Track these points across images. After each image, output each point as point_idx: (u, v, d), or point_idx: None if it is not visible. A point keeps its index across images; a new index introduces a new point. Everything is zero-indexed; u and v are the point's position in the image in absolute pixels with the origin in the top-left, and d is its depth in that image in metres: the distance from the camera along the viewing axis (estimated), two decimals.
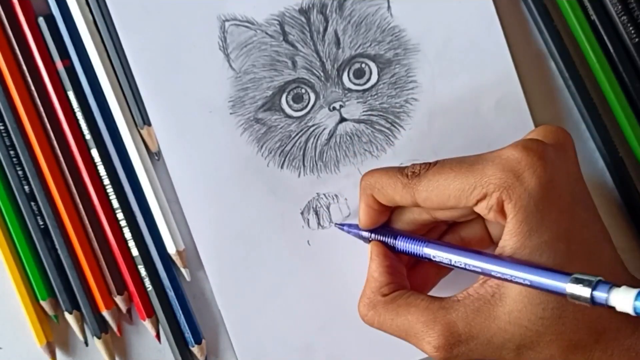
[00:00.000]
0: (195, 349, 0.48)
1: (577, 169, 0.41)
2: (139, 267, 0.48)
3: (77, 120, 0.48)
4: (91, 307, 0.48)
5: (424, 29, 0.49)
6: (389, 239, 0.44)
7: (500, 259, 0.38)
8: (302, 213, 0.49)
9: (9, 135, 0.47)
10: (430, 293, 0.44)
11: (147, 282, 0.48)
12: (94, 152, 0.48)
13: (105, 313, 0.48)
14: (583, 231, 0.39)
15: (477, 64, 0.49)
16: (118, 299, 0.48)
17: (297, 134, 0.49)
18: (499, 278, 0.38)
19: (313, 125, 0.49)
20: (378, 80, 0.49)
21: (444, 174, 0.40)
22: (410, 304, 0.41)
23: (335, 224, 0.48)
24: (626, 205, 0.49)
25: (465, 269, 0.40)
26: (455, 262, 0.40)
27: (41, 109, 0.47)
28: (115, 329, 0.48)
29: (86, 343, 0.48)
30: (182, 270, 0.48)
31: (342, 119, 0.49)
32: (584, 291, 0.34)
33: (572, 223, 0.38)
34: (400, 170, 0.42)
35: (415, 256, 0.43)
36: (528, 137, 0.41)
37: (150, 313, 0.48)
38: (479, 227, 0.44)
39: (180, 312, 0.48)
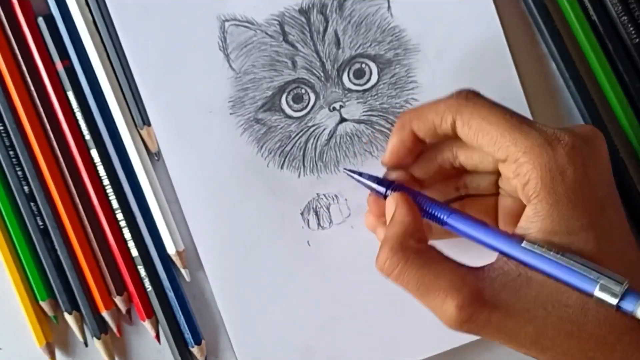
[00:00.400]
0: (195, 350, 0.48)
1: (609, 170, 0.40)
2: (139, 267, 0.48)
3: (76, 120, 0.47)
4: (91, 307, 0.48)
5: (424, 29, 0.49)
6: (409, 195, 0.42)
7: (529, 248, 0.37)
8: (302, 213, 0.48)
9: (8, 136, 0.47)
10: None
11: (147, 283, 0.48)
12: (94, 153, 0.47)
13: (104, 314, 0.48)
14: (612, 232, 0.38)
15: (477, 64, 0.49)
16: (118, 300, 0.48)
17: (297, 135, 0.49)
18: (525, 264, 0.37)
19: (313, 126, 0.49)
20: (378, 81, 0.49)
21: (493, 111, 0.39)
22: (441, 260, 0.39)
23: (344, 168, 0.46)
24: (627, 206, 0.49)
25: (488, 246, 0.39)
26: (478, 238, 0.39)
27: (41, 109, 0.47)
28: (115, 329, 0.48)
29: (86, 344, 0.48)
30: (182, 270, 0.48)
31: (342, 119, 0.49)
32: (610, 299, 0.35)
33: (602, 222, 0.38)
34: (444, 96, 0.41)
35: (435, 220, 0.41)
36: (568, 129, 0.40)
37: (150, 314, 0.48)
38: (490, 204, 0.43)
39: (180, 312, 0.48)
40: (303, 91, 0.48)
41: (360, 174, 0.44)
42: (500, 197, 0.43)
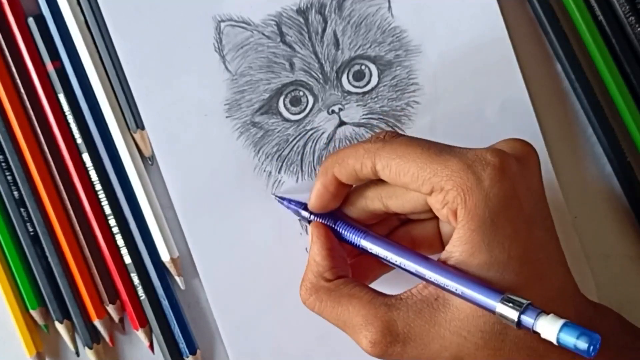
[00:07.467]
0: None
1: (540, 185, 0.40)
2: (132, 275, 0.47)
3: (68, 123, 0.47)
4: (82, 316, 0.47)
5: (426, 29, 0.48)
6: (329, 222, 0.43)
7: (437, 264, 0.38)
8: (299, 219, 0.48)
9: None
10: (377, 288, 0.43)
11: (140, 291, 0.47)
12: (86, 157, 0.47)
13: (97, 322, 0.47)
14: (538, 252, 0.38)
15: (481, 65, 0.48)
16: (110, 308, 0.47)
17: (295, 138, 0.48)
18: (432, 283, 0.38)
19: (311, 129, 0.48)
20: (378, 83, 0.48)
21: (411, 148, 0.39)
22: (353, 295, 0.40)
23: (275, 195, 0.47)
24: (634, 211, 0.49)
25: (400, 267, 0.40)
26: (390, 259, 0.41)
27: (31, 112, 0.46)
28: (107, 339, 0.48)
29: (77, 353, 0.48)
30: (177, 278, 0.48)
31: (342, 123, 0.48)
32: (512, 313, 0.35)
33: (528, 243, 0.38)
34: (365, 140, 0.42)
35: (352, 245, 0.42)
36: (495, 147, 0.40)
37: (144, 322, 0.47)
38: (431, 228, 0.43)
39: (175, 321, 0.47)
40: (301, 94, 0.48)
41: (290, 201, 0.46)
42: (440, 223, 0.43)
